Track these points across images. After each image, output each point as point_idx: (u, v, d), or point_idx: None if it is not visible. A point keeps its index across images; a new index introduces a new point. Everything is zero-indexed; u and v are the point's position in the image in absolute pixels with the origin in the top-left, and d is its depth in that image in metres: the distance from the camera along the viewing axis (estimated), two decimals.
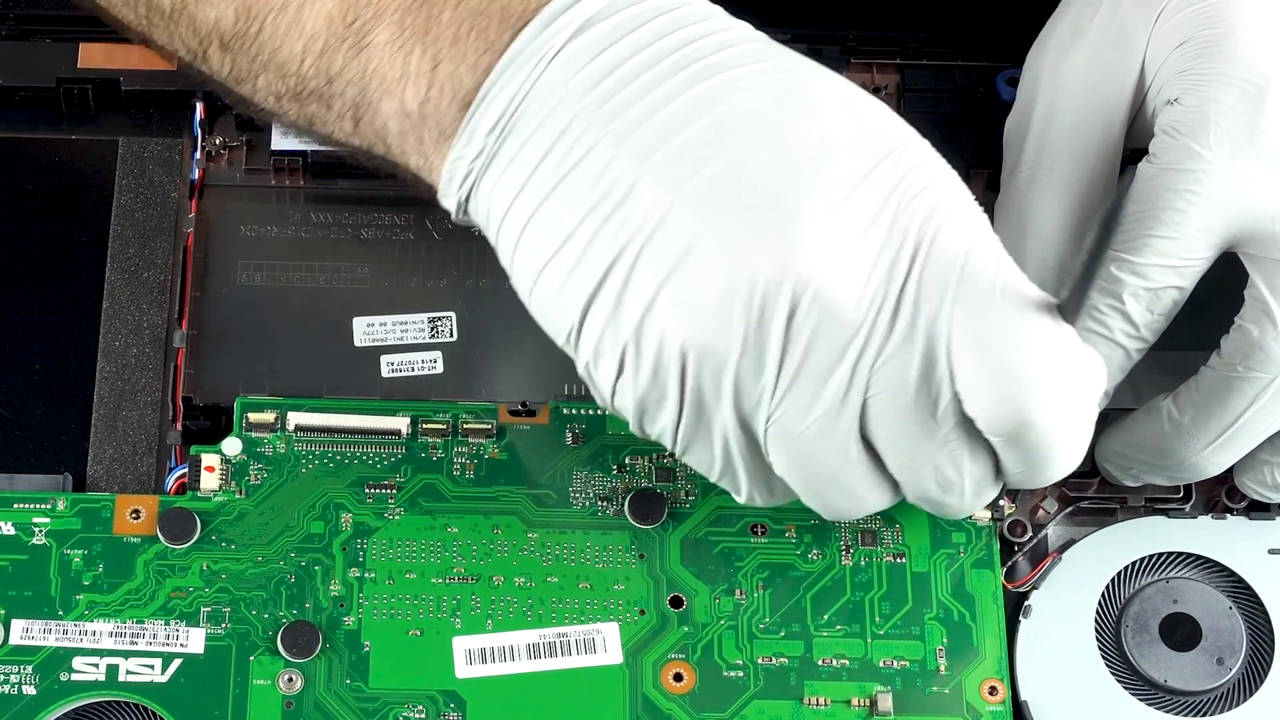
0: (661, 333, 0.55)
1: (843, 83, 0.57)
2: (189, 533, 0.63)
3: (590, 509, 0.65)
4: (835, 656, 0.63)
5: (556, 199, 0.56)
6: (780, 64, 0.57)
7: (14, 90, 0.70)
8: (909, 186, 0.55)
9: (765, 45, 0.57)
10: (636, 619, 0.63)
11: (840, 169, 0.55)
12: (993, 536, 0.65)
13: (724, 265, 0.54)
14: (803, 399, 0.55)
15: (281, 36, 0.58)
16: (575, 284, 0.56)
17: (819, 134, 0.55)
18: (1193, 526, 0.66)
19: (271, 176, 0.70)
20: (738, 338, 0.55)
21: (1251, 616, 0.65)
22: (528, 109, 0.56)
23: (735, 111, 0.55)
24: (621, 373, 0.56)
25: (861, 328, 0.55)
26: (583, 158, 0.55)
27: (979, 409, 0.55)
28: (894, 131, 0.56)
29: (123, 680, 0.62)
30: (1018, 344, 0.55)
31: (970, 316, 0.55)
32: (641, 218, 0.55)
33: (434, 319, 0.68)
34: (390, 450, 0.65)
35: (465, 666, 0.63)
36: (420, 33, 0.57)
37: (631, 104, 0.55)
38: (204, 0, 0.59)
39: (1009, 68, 0.72)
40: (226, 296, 0.68)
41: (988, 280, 0.55)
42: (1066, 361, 0.55)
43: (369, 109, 0.58)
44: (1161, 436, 0.62)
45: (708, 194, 0.55)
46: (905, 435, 0.56)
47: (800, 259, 0.54)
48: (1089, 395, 0.56)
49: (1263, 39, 0.61)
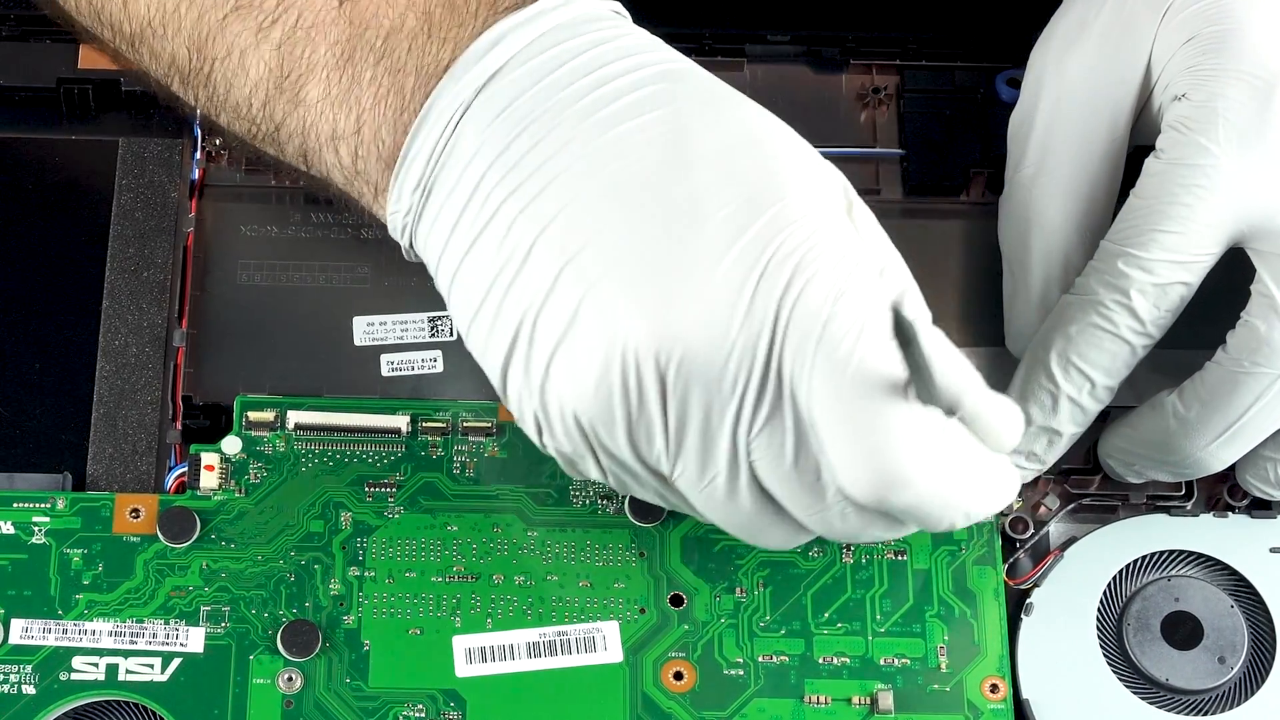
0: (559, 400, 0.55)
1: (736, 126, 0.56)
2: (189, 532, 0.63)
3: (590, 507, 0.65)
4: (836, 654, 0.63)
5: (472, 259, 0.56)
6: (670, 112, 0.56)
7: (14, 90, 0.70)
8: (779, 248, 0.54)
9: (669, 85, 0.56)
10: (637, 617, 0.63)
11: (711, 233, 0.54)
12: (994, 533, 0.65)
13: (601, 334, 0.54)
14: (693, 464, 0.56)
15: (230, 81, 0.59)
16: (494, 343, 0.56)
17: (693, 195, 0.55)
18: (1194, 525, 0.66)
19: (271, 176, 0.70)
20: (620, 408, 0.55)
21: (1253, 615, 0.65)
22: (444, 167, 0.57)
23: (620, 175, 0.55)
24: (541, 432, 0.57)
25: (733, 396, 0.54)
26: (489, 220, 0.56)
27: (844, 484, 0.54)
28: (779, 183, 0.55)
29: (122, 680, 0.62)
30: (870, 426, 0.53)
31: (827, 393, 0.54)
32: (536, 284, 0.55)
33: (434, 318, 0.68)
34: (390, 449, 0.65)
35: (465, 665, 0.62)
36: (345, 91, 0.58)
37: (533, 168, 0.55)
38: (159, 35, 0.60)
39: (1009, 68, 0.72)
40: (226, 296, 0.68)
41: (844, 354, 0.53)
42: (922, 441, 0.54)
43: (314, 158, 0.60)
44: (1166, 432, 0.62)
45: (589, 261, 0.54)
46: (796, 497, 0.56)
47: (666, 328, 0.54)
48: (957, 468, 0.55)
49: (1270, 35, 0.61)
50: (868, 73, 0.73)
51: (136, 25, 0.60)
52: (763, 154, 0.56)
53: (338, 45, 0.58)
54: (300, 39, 0.58)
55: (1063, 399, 0.62)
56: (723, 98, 0.57)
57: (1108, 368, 0.61)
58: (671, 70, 0.57)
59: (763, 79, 0.72)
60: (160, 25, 0.60)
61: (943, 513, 0.55)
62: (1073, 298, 0.62)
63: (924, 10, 0.74)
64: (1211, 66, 0.61)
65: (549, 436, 0.57)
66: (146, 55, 0.61)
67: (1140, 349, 0.61)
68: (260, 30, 0.58)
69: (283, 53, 0.58)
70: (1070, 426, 0.62)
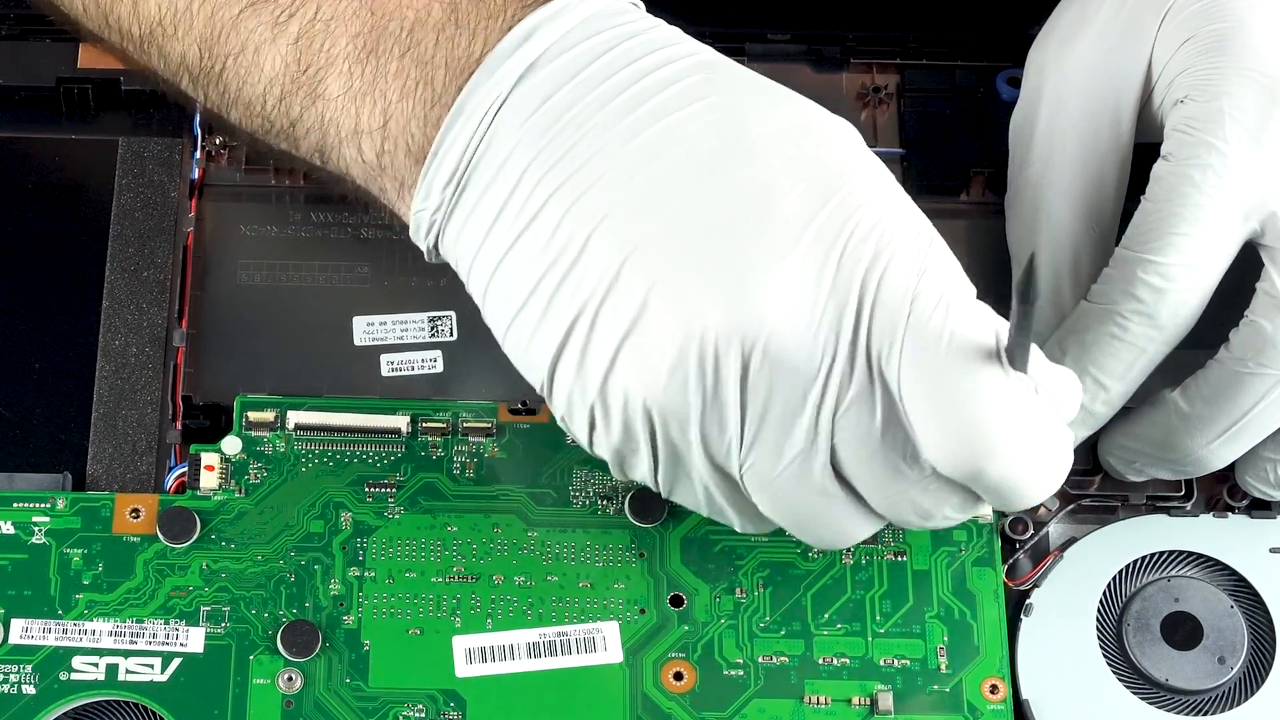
0: (625, 392, 0.55)
1: (786, 111, 0.56)
2: (189, 532, 0.63)
3: (590, 507, 0.65)
4: (836, 655, 0.63)
5: (515, 256, 0.56)
6: (721, 100, 0.56)
7: (14, 90, 0.70)
8: (855, 228, 0.54)
9: (708, 76, 0.56)
10: (637, 618, 0.63)
11: (784, 216, 0.54)
12: (994, 534, 0.65)
13: (675, 324, 0.54)
14: (770, 449, 0.55)
15: (243, 78, 0.59)
16: (541, 340, 0.56)
17: (761, 180, 0.55)
18: (1194, 525, 0.66)
19: (271, 176, 0.70)
20: (696, 396, 0.54)
21: (1253, 615, 0.65)
22: (480, 162, 0.56)
23: (678, 164, 0.55)
24: (594, 428, 0.57)
25: (817, 378, 0.54)
26: (535, 215, 0.55)
27: (935, 458, 0.55)
28: (841, 165, 0.55)
29: (122, 680, 0.62)
30: (963, 398, 0.54)
31: (918, 368, 0.54)
32: (596, 277, 0.55)
33: (434, 318, 0.68)
34: (390, 449, 0.65)
35: (465, 665, 0.62)
36: (369, 84, 0.57)
37: (579, 163, 0.55)
38: (170, 35, 0.60)
39: (1009, 67, 0.72)
40: (226, 296, 0.68)
41: (934, 329, 0.54)
42: (1014, 410, 0.54)
43: (333, 154, 0.59)
44: (1168, 429, 0.62)
45: (655, 252, 0.54)
46: (878, 476, 0.56)
47: (748, 314, 0.54)
48: (1043, 438, 0.55)
49: (1273, 33, 0.61)
50: (868, 72, 0.73)
51: (146, 26, 0.60)
52: (819, 138, 0.56)
53: (360, 37, 0.57)
54: (319, 32, 0.57)
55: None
56: (766, 86, 0.57)
57: (1123, 375, 0.61)
58: (706, 61, 0.57)
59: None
60: (171, 25, 0.59)
61: (1026, 486, 0.55)
62: (1090, 306, 0.62)
63: (924, 9, 0.74)
64: (1214, 66, 0.61)
65: (604, 432, 0.56)
66: (155, 56, 0.61)
67: (1157, 356, 0.61)
68: (276, 25, 0.58)
69: (300, 46, 0.57)
70: (1081, 430, 0.62)
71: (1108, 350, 0.61)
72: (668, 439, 0.56)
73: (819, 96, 0.58)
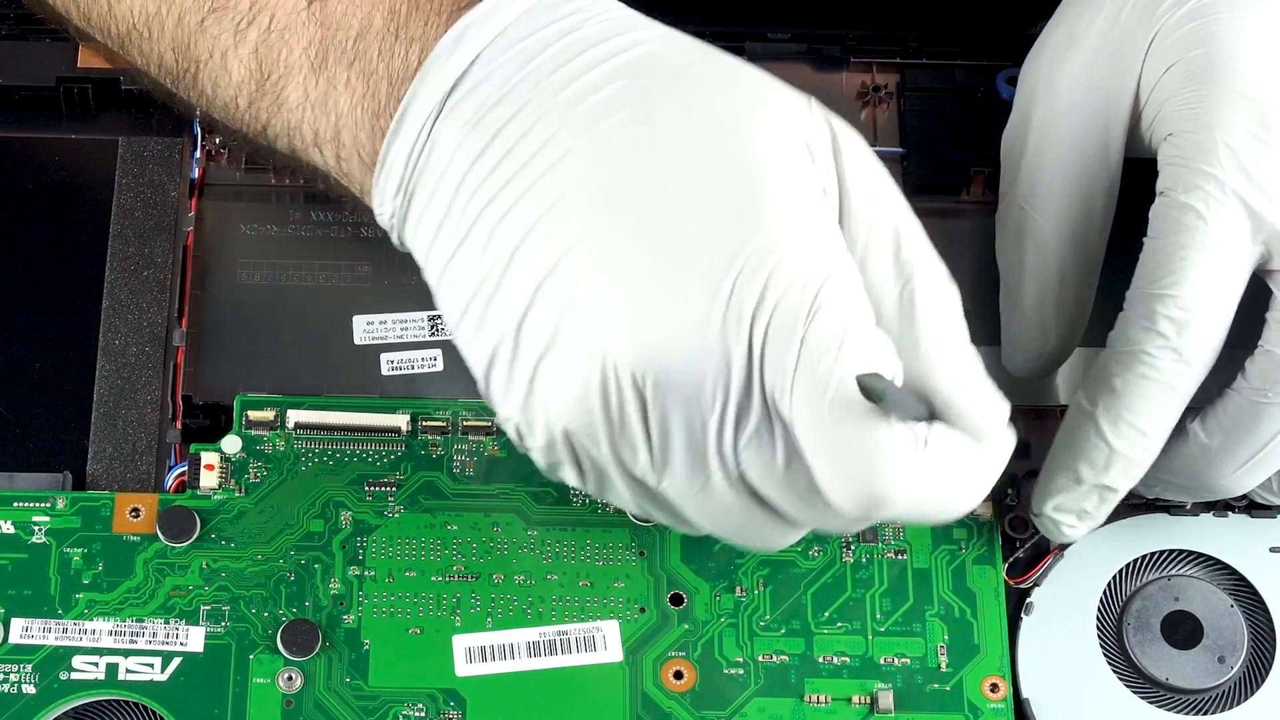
0: (545, 413, 0.55)
1: (704, 115, 0.54)
2: (189, 531, 0.63)
3: (590, 506, 0.65)
4: (836, 654, 0.63)
5: (457, 263, 0.55)
6: (637, 112, 0.54)
7: (14, 90, 0.70)
8: (747, 260, 0.53)
9: (630, 81, 0.55)
10: (637, 616, 0.63)
11: (682, 245, 0.53)
12: (994, 533, 0.65)
13: (581, 349, 0.54)
14: (681, 473, 0.55)
15: (215, 82, 0.59)
16: (476, 352, 0.56)
17: (666, 202, 0.53)
18: (1194, 524, 0.66)
19: (271, 175, 0.70)
20: (602, 422, 0.54)
21: (1253, 615, 0.65)
22: (422, 172, 0.56)
23: (594, 183, 0.54)
24: (522, 439, 0.56)
25: (714, 408, 0.53)
26: (471, 228, 0.55)
27: (832, 500, 0.53)
28: (748, 182, 0.54)
29: (122, 679, 0.62)
30: (852, 446, 0.52)
31: (807, 411, 0.52)
32: (517, 299, 0.54)
33: (434, 317, 0.68)
34: (390, 448, 0.65)
35: (465, 665, 0.62)
36: (323, 95, 0.57)
37: (508, 176, 0.55)
38: (145, 38, 0.60)
39: (1009, 67, 0.72)
40: (226, 296, 0.68)
41: (823, 373, 0.52)
42: (902, 457, 0.53)
43: (303, 157, 0.59)
44: (1188, 459, 0.62)
45: (568, 273, 0.54)
46: (790, 501, 0.55)
47: (643, 343, 0.53)
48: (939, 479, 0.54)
49: (1259, 57, 0.60)
50: (868, 71, 0.73)
51: (123, 27, 0.60)
52: (734, 146, 0.54)
53: (311, 47, 0.57)
54: (275, 41, 0.57)
55: (1116, 456, 0.60)
56: (688, 86, 0.55)
57: (1158, 417, 0.60)
58: (633, 60, 0.55)
59: None
60: (145, 28, 0.59)
61: (927, 520, 0.55)
62: (1113, 351, 0.61)
63: (925, 9, 0.74)
64: (1202, 95, 0.60)
65: (531, 445, 0.56)
66: (137, 56, 0.61)
67: (1187, 394, 0.60)
68: (237, 32, 0.58)
69: (260, 55, 0.58)
70: (1124, 482, 0.61)
71: (1139, 392, 0.60)
72: (589, 458, 0.56)
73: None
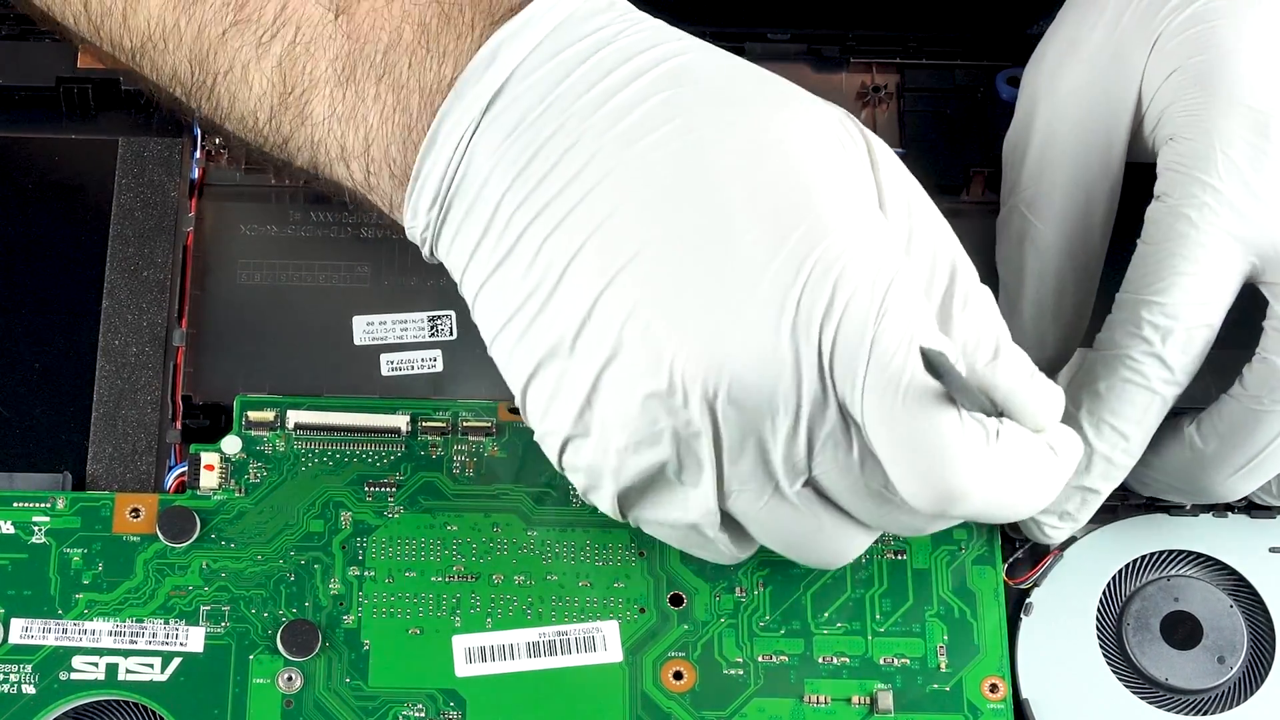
0: (602, 426, 0.55)
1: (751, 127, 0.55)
2: (188, 531, 0.63)
3: (590, 506, 0.64)
4: (835, 654, 0.63)
5: (499, 278, 0.56)
6: (683, 123, 0.55)
7: (14, 90, 0.70)
8: (813, 268, 0.53)
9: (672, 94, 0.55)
10: (636, 617, 0.63)
11: (746, 253, 0.53)
12: (994, 533, 0.65)
13: (646, 361, 0.54)
14: (749, 487, 0.55)
15: (234, 94, 0.59)
16: (519, 361, 0.56)
17: (723, 214, 0.54)
18: (1194, 525, 0.66)
19: (271, 176, 0.70)
20: (668, 441, 0.54)
21: (1252, 615, 0.65)
22: (460, 186, 0.56)
23: (648, 194, 0.54)
24: (564, 453, 0.57)
25: (787, 416, 0.54)
26: (516, 242, 0.55)
27: (907, 497, 0.55)
28: (803, 192, 0.54)
29: (122, 679, 0.62)
30: (925, 443, 0.53)
31: (879, 412, 0.53)
32: (571, 311, 0.54)
33: (434, 317, 0.68)
34: (390, 448, 0.65)
35: (465, 665, 0.62)
36: (350, 109, 0.57)
37: (554, 191, 0.55)
38: (161, 50, 0.60)
39: (1009, 67, 0.72)
40: (226, 296, 0.68)
41: (893, 373, 0.53)
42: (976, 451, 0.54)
43: (325, 171, 0.59)
44: (1184, 462, 0.62)
45: (629, 285, 0.54)
46: (862, 504, 0.56)
47: (713, 356, 0.53)
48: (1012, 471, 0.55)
49: (1259, 64, 0.60)
50: (868, 71, 0.73)
51: (137, 40, 0.60)
52: (784, 156, 0.55)
53: (338, 60, 0.57)
54: (300, 54, 0.57)
55: (1097, 458, 0.61)
56: (734, 97, 0.56)
57: (1140, 421, 0.61)
58: (674, 70, 0.56)
59: None
60: (161, 39, 0.59)
61: (1004, 517, 0.56)
62: (1097, 354, 0.61)
63: (925, 9, 0.74)
64: (1201, 101, 0.60)
65: (572, 462, 0.57)
66: (148, 67, 0.61)
67: (1170, 399, 0.61)
68: (260, 45, 0.58)
69: (284, 68, 0.58)
70: (1105, 484, 0.62)
71: (1122, 396, 0.60)
72: (644, 476, 0.56)
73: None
